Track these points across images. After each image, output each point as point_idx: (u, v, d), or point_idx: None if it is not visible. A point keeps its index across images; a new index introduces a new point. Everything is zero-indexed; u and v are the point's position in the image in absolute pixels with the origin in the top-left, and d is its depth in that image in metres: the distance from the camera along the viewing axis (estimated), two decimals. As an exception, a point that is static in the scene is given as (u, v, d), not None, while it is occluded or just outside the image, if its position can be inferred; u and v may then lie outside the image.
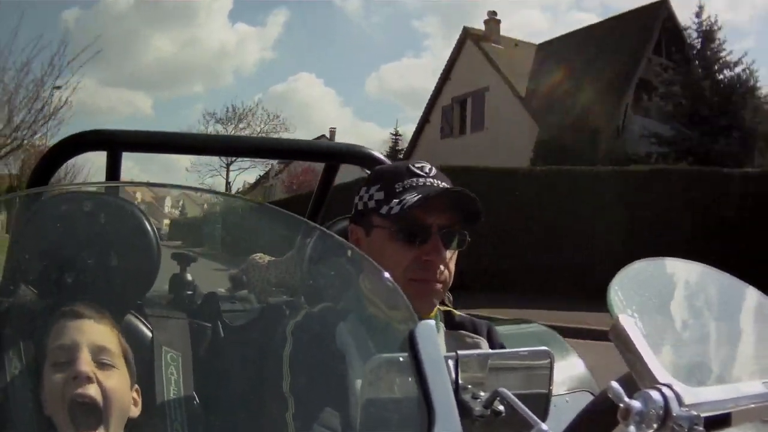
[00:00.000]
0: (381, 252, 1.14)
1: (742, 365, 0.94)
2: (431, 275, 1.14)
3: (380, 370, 0.74)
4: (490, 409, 0.72)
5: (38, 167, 1.66)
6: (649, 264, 0.96)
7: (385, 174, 1.22)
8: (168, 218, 25.50)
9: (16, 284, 1.13)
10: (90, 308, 0.97)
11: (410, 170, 1.19)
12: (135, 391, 0.99)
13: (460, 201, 1.15)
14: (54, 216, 1.10)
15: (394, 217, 1.13)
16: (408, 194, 1.14)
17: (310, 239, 1.09)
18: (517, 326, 1.93)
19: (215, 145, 1.90)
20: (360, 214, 1.21)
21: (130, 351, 0.99)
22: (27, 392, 0.98)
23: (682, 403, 0.72)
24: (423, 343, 0.69)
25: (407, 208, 1.11)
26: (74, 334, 0.94)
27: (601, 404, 0.86)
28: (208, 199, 3.60)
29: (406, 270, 1.12)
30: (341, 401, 0.90)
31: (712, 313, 1.02)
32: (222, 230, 1.72)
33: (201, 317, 1.28)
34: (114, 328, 0.99)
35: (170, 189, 1.25)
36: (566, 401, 1.42)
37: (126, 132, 1.76)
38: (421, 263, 1.13)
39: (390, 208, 1.14)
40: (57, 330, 0.95)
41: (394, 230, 1.14)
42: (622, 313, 0.82)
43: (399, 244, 1.13)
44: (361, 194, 1.22)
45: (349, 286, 1.00)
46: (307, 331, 1.03)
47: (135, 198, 11.70)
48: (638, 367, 0.78)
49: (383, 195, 1.17)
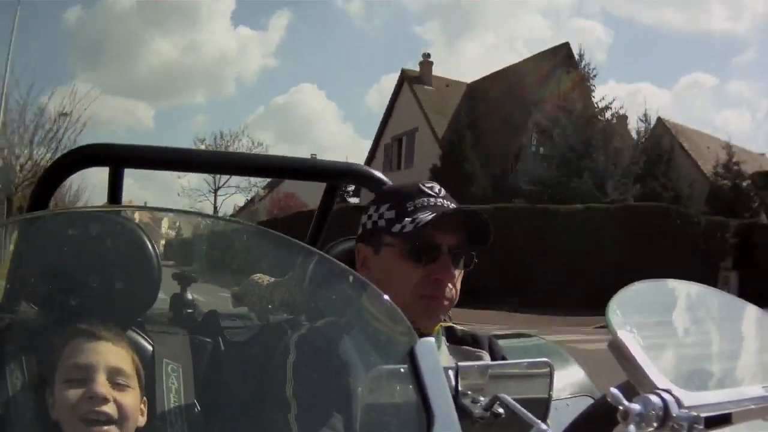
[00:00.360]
0: (390, 270, 1.15)
1: (741, 373, 0.95)
2: (440, 293, 1.14)
3: (381, 379, 0.75)
4: (489, 412, 0.72)
5: (41, 182, 1.64)
6: (648, 285, 0.97)
7: (395, 193, 1.23)
8: (165, 240, 25.69)
9: (17, 301, 1.14)
10: (107, 330, 1.01)
11: (421, 190, 1.19)
12: (142, 402, 1.01)
13: (469, 222, 1.15)
14: (55, 235, 1.11)
15: (406, 235, 1.13)
16: (420, 213, 1.14)
17: (309, 264, 1.10)
18: (518, 340, 1.92)
19: (220, 163, 1.87)
20: (368, 233, 1.21)
21: (141, 368, 1.02)
22: (28, 409, 0.98)
23: (682, 405, 0.72)
24: (423, 358, 0.70)
25: (421, 227, 1.11)
26: (91, 355, 0.97)
27: (601, 407, 0.86)
28: (207, 224, 3.61)
29: (414, 287, 1.13)
30: (344, 408, 0.90)
31: (710, 327, 1.03)
32: (220, 254, 1.73)
33: (202, 333, 1.28)
34: (129, 349, 1.02)
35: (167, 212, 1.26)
36: (567, 405, 1.42)
37: (128, 147, 1.72)
38: (430, 281, 1.13)
39: (402, 226, 1.14)
40: (72, 348, 0.97)
41: (405, 249, 1.14)
42: (621, 329, 0.83)
43: (409, 262, 1.14)
44: (369, 213, 1.22)
45: (350, 305, 1.00)
46: (311, 342, 1.04)
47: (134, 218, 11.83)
48: (637, 375, 0.79)
49: (394, 214, 1.17)
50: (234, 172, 2.12)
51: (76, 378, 0.95)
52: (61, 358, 0.97)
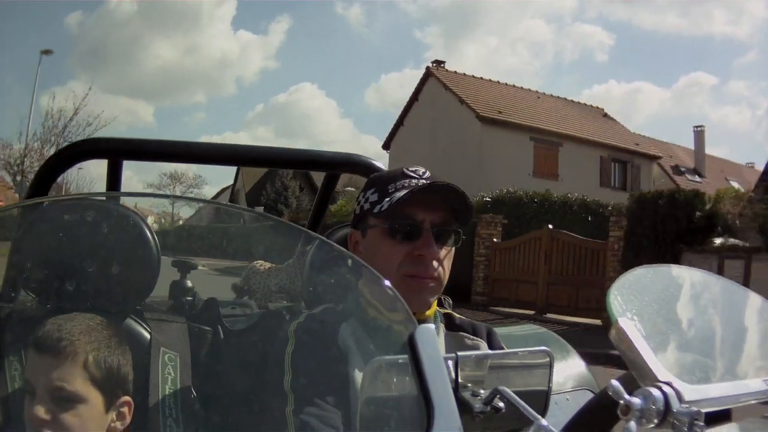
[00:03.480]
0: (375, 250, 1.16)
1: (743, 365, 0.94)
2: (423, 271, 1.14)
3: (380, 370, 0.74)
4: (490, 406, 0.72)
5: (39, 175, 1.65)
6: (648, 270, 0.96)
7: (380, 178, 1.25)
8: (168, 227, 25.94)
9: (16, 290, 1.14)
10: (51, 341, 0.93)
11: (404, 173, 1.21)
12: (125, 404, 0.96)
13: (449, 199, 1.16)
14: (54, 224, 1.10)
15: (384, 213, 1.15)
16: (398, 192, 1.16)
17: (309, 248, 1.09)
18: (517, 327, 1.92)
19: (216, 154, 1.87)
20: (357, 219, 1.23)
21: (107, 371, 0.95)
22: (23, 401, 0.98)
23: (683, 399, 0.72)
24: (423, 346, 0.69)
25: (395, 203, 1.13)
26: (34, 372, 0.93)
27: (602, 401, 0.86)
28: (208, 209, 3.63)
29: (399, 266, 1.14)
30: (342, 399, 0.90)
31: (712, 316, 1.01)
32: (223, 239, 1.72)
33: (201, 321, 1.28)
34: (77, 359, 0.94)
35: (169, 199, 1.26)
36: (567, 399, 1.42)
37: (126, 140, 1.75)
38: (413, 258, 1.14)
39: (381, 206, 1.16)
40: (29, 359, 0.94)
41: (386, 227, 1.16)
42: (622, 316, 0.82)
43: (391, 240, 1.15)
44: (358, 199, 1.24)
45: (349, 291, 1.00)
46: (310, 331, 1.04)
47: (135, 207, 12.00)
48: (638, 367, 0.78)
49: (377, 197, 1.19)
50: (232, 162, 2.11)
51: (29, 394, 0.91)
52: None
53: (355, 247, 1.22)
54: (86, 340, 0.95)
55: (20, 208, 1.54)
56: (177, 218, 32.57)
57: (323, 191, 2.12)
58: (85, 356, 0.94)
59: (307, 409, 0.93)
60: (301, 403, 0.93)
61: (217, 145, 1.89)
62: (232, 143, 2.22)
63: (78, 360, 0.93)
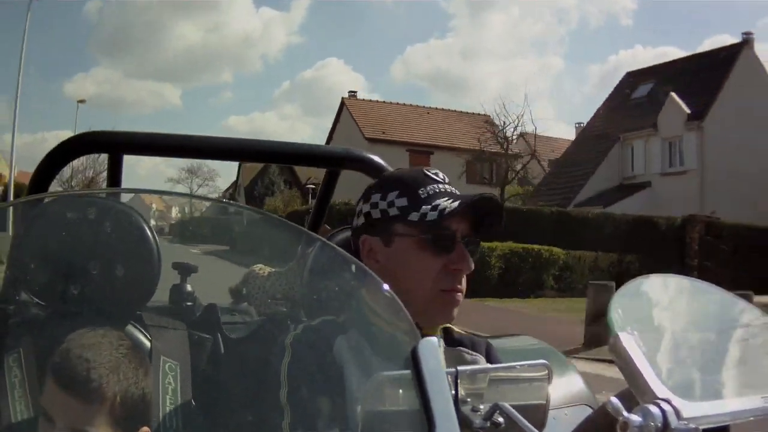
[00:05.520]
0: (407, 262, 1.09)
1: (742, 381, 0.94)
2: (460, 285, 1.10)
3: (382, 386, 0.73)
4: (489, 422, 0.72)
5: (39, 169, 1.61)
6: (650, 281, 0.96)
7: (401, 180, 1.16)
8: (165, 222, 26.41)
9: (16, 291, 1.13)
10: (77, 381, 0.88)
11: (428, 176, 1.14)
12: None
13: (480, 210, 1.11)
14: (54, 222, 1.08)
15: (426, 224, 1.07)
16: (439, 200, 1.09)
17: (311, 250, 1.07)
18: (516, 340, 1.92)
19: (217, 148, 1.83)
20: (374, 224, 1.13)
21: (132, 407, 0.91)
22: (26, 404, 0.97)
23: (681, 417, 0.72)
24: (425, 361, 0.69)
25: (447, 214, 1.06)
26: (55, 407, 0.89)
27: (601, 417, 0.86)
28: (215, 207, 3.64)
29: (435, 280, 1.08)
30: (340, 413, 0.89)
31: (712, 329, 1.01)
32: (226, 236, 1.71)
33: (200, 329, 1.26)
34: (105, 404, 0.89)
35: (177, 198, 1.25)
36: (565, 414, 1.41)
37: (127, 134, 1.72)
38: (449, 273, 1.09)
39: (423, 214, 1.08)
40: (48, 390, 0.90)
41: (423, 239, 1.08)
42: (622, 330, 0.82)
43: (427, 253, 1.08)
44: (373, 201, 1.14)
45: (350, 299, 0.97)
46: (306, 343, 1.01)
47: (150, 207, 11.98)
48: (637, 383, 0.78)
49: (407, 201, 1.10)
50: (233, 157, 2.08)
51: (46, 422, 0.89)
52: (44, 385, 0.90)
53: (369, 255, 1.13)
54: (115, 380, 0.90)
55: (20, 204, 1.52)
56: (193, 210, 33.27)
57: (324, 189, 2.04)
58: (113, 399, 0.89)
59: (303, 422, 0.91)
60: (297, 417, 0.91)
61: (218, 139, 1.85)
62: (231, 138, 2.18)
63: (105, 404, 0.89)
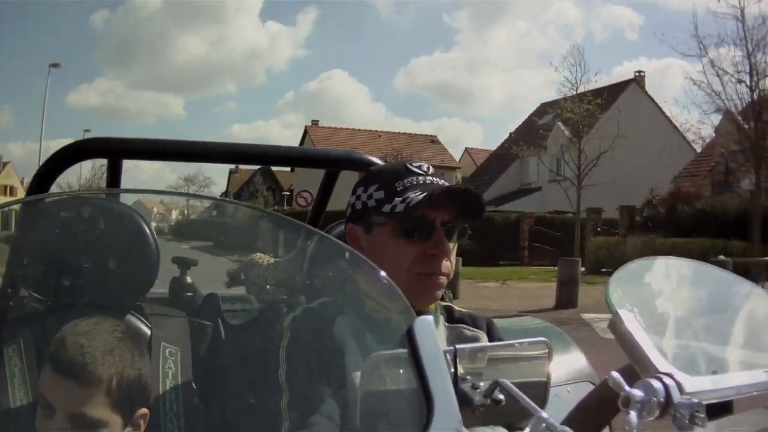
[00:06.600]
0: (384, 249, 1.15)
1: (743, 356, 0.94)
2: (436, 268, 1.15)
3: (379, 365, 0.73)
4: (490, 399, 0.71)
5: (38, 175, 1.63)
6: (647, 262, 0.96)
7: (382, 173, 1.23)
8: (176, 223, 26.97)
9: (16, 287, 1.14)
10: (73, 366, 0.90)
11: (409, 169, 1.20)
12: (142, 417, 0.95)
13: (458, 197, 1.15)
14: (54, 221, 1.10)
15: (397, 215, 1.14)
16: (411, 192, 1.15)
17: (309, 243, 1.09)
18: (517, 320, 1.92)
19: (215, 153, 1.87)
20: (358, 214, 1.21)
21: (129, 389, 0.93)
22: (26, 392, 0.98)
23: (684, 391, 0.72)
24: (421, 339, 0.69)
25: (412, 207, 1.12)
26: (52, 393, 0.90)
27: (602, 393, 0.86)
28: (212, 206, 3.67)
29: (412, 265, 1.14)
30: (339, 393, 0.90)
31: (711, 306, 1.01)
32: (224, 235, 1.72)
33: (201, 316, 1.28)
34: (101, 386, 0.91)
35: (178, 198, 1.27)
36: (567, 391, 1.42)
37: (125, 140, 1.75)
38: (426, 258, 1.14)
39: (393, 206, 1.14)
40: (45, 377, 0.92)
41: (398, 227, 1.14)
42: (622, 308, 0.82)
43: (403, 240, 1.14)
44: (358, 194, 1.22)
45: (347, 284, 1.00)
46: (305, 324, 1.03)
47: (151, 210, 12.11)
48: (638, 358, 0.78)
49: (383, 194, 1.17)
50: (231, 161, 2.10)
51: (44, 409, 0.90)
52: (41, 377, 0.92)
53: (355, 243, 1.20)
54: (110, 362, 0.92)
55: (20, 205, 1.54)
56: (192, 211, 33.86)
57: (323, 190, 2.09)
58: (109, 381, 0.91)
59: (302, 402, 0.92)
60: (295, 397, 0.93)
61: (217, 144, 1.89)
62: (229, 142, 2.21)
63: (102, 386, 0.91)
